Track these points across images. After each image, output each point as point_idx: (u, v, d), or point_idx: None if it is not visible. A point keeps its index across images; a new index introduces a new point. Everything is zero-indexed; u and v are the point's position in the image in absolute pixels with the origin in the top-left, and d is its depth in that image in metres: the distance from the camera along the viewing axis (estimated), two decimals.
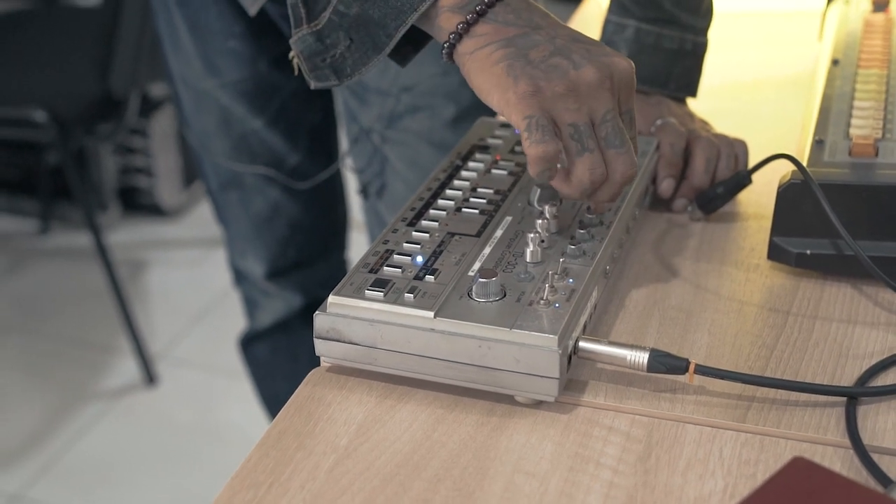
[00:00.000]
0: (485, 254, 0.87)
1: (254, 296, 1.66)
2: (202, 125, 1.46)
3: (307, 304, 1.64)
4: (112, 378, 2.53)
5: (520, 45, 0.86)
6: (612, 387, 0.82)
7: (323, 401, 0.82)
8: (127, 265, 2.90)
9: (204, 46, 1.38)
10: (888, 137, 0.98)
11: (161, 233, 3.09)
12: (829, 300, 0.92)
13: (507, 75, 0.85)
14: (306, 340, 1.67)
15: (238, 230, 1.57)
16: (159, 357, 2.58)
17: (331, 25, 0.92)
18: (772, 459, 0.75)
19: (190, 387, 2.51)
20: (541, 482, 0.74)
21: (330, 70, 0.94)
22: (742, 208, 1.06)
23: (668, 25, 1.11)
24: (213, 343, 2.65)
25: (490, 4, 0.87)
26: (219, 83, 1.41)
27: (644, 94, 1.12)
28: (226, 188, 1.52)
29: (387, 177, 1.44)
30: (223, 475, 2.47)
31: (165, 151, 3.04)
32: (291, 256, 1.58)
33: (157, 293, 2.84)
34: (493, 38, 0.87)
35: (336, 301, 0.82)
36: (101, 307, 2.70)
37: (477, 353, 0.78)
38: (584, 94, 0.85)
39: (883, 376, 0.83)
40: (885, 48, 1.15)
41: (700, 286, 0.94)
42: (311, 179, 1.47)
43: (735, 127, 1.13)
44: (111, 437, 2.36)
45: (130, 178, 3.08)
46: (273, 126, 1.43)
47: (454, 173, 0.98)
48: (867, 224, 0.92)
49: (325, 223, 1.61)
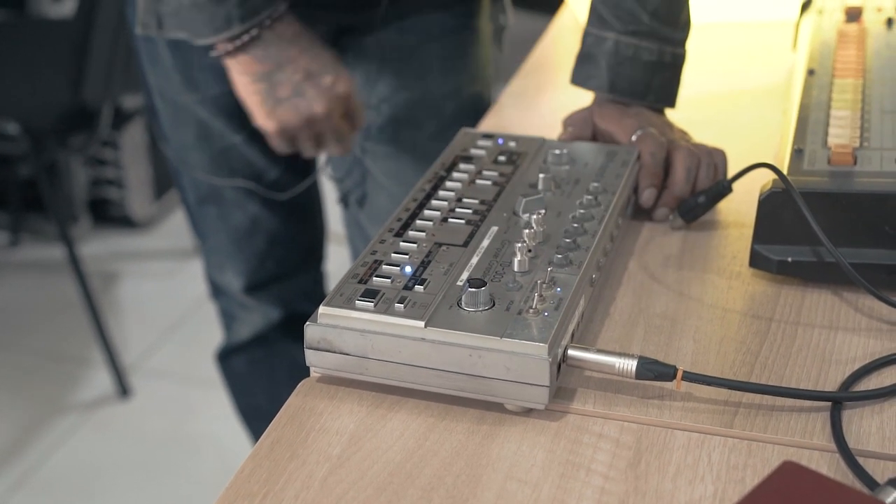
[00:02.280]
0: (472, 263, 0.87)
1: (231, 309, 1.66)
2: (181, 139, 1.46)
3: (285, 318, 1.64)
4: (85, 390, 2.52)
5: (270, 80, 1.23)
6: (600, 394, 0.83)
7: (314, 411, 0.82)
8: (98, 277, 2.89)
9: (183, 61, 1.38)
10: (866, 146, 0.99)
11: (132, 244, 3.08)
12: (811, 306, 0.93)
13: (262, 107, 1.25)
14: (284, 353, 1.69)
15: (216, 244, 1.56)
16: (133, 369, 2.58)
17: None
18: (760, 464, 0.76)
19: (163, 398, 2.51)
20: (533, 489, 0.74)
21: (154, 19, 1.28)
22: (722, 217, 1.07)
23: (647, 38, 1.13)
24: (186, 354, 2.65)
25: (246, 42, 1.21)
26: (198, 98, 1.41)
27: (623, 104, 1.14)
28: (204, 202, 1.52)
29: (368, 187, 1.44)
30: (198, 486, 2.47)
31: (136, 163, 3.03)
32: (270, 270, 1.58)
33: (130, 305, 2.83)
34: (249, 72, 1.23)
35: (327, 312, 0.82)
36: (74, 319, 2.69)
37: (468, 361, 0.79)
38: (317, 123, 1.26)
39: (866, 381, 0.84)
40: (860, 58, 1.17)
41: (683, 294, 0.95)
42: (290, 191, 1.48)
43: (712, 136, 1.15)
44: (85, 449, 2.35)
45: (101, 190, 3.07)
46: (253, 141, 1.43)
47: (439, 184, 0.99)
48: (847, 231, 0.93)
49: (304, 236, 1.61)
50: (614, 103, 1.14)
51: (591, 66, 1.14)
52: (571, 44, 1.50)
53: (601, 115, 1.13)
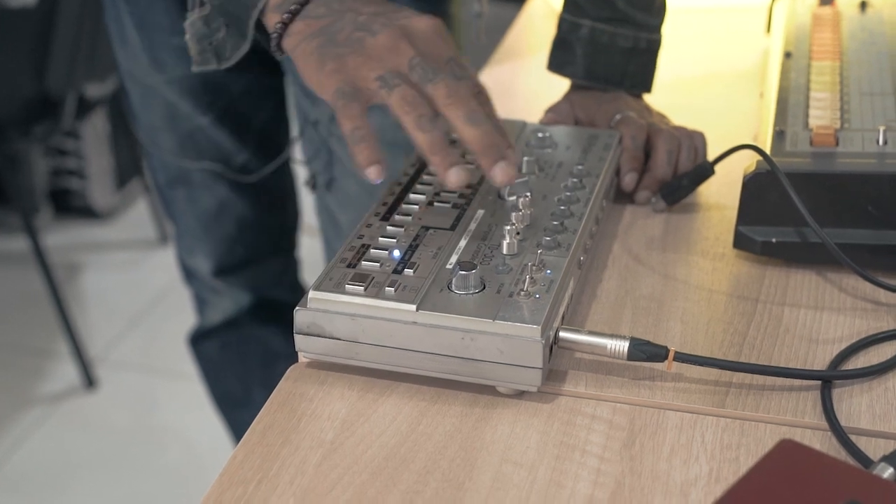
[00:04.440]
0: (461, 246, 0.87)
1: (203, 293, 1.65)
2: (149, 120, 1.45)
3: (256, 302, 1.63)
4: (51, 383, 2.50)
5: (328, 32, 0.94)
6: (591, 376, 0.83)
7: (304, 396, 0.82)
8: (61, 268, 2.86)
9: (150, 42, 1.37)
10: (846, 127, 1.00)
11: (94, 235, 3.05)
12: (796, 287, 0.94)
13: (317, 61, 0.93)
14: (256, 338, 1.68)
15: (186, 227, 1.56)
16: (98, 360, 2.56)
17: (213, 12, 1.01)
18: (753, 443, 0.76)
19: (130, 389, 2.49)
20: (529, 471, 0.74)
21: (212, 54, 1.03)
22: (703, 199, 1.08)
23: (623, 24, 1.13)
24: (151, 345, 2.63)
25: (303, 3, 0.96)
26: (165, 79, 1.40)
27: (601, 90, 1.14)
28: (173, 184, 1.51)
29: (335, 172, 1.43)
30: (165, 477, 2.46)
31: (98, 153, 3.00)
32: (240, 254, 1.57)
33: (94, 296, 2.81)
34: (307, 33, 0.95)
35: (316, 296, 0.82)
36: (37, 311, 2.67)
37: (460, 344, 0.79)
38: (383, 56, 0.91)
39: (854, 359, 0.85)
40: (836, 40, 1.18)
41: (669, 276, 0.96)
42: (257, 173, 1.47)
43: (689, 120, 1.15)
44: (52, 442, 2.33)
45: (62, 181, 3.04)
46: (220, 124, 1.43)
47: (422, 168, 0.99)
48: (830, 212, 0.94)
49: (275, 221, 1.61)
50: (592, 89, 1.14)
51: (567, 52, 1.15)
52: (543, 30, 1.51)
53: (580, 100, 1.13)
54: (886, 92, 1.06)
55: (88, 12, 2.30)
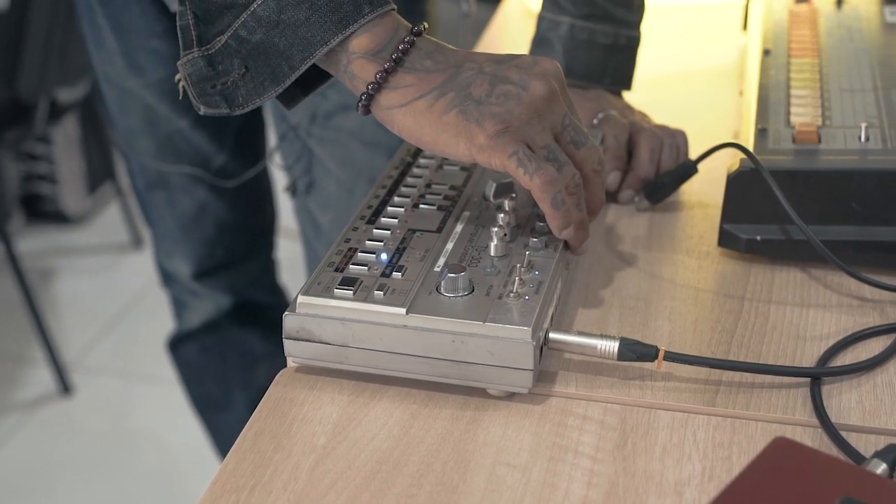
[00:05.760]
0: (448, 249, 0.87)
1: (181, 296, 1.64)
2: (127, 124, 1.45)
3: (235, 305, 1.63)
4: (27, 389, 2.48)
5: (457, 87, 0.83)
6: (581, 376, 0.83)
7: (295, 401, 0.81)
8: (34, 274, 2.84)
9: (127, 45, 1.37)
10: (828, 124, 1.00)
11: (67, 240, 3.04)
12: (781, 284, 0.94)
13: (466, 121, 0.82)
14: (235, 341, 1.68)
15: (165, 230, 1.55)
16: (73, 366, 2.54)
17: (226, 51, 0.86)
18: (745, 441, 0.77)
19: (105, 395, 2.48)
20: (522, 473, 0.74)
21: (220, 97, 0.87)
22: (686, 198, 1.08)
23: (602, 21, 1.13)
24: (126, 349, 2.62)
25: (405, 51, 0.84)
26: (143, 82, 1.39)
27: (582, 88, 1.14)
28: (152, 188, 1.50)
29: (315, 174, 1.43)
30: (143, 481, 2.45)
31: (69, 158, 2.99)
32: (219, 257, 1.57)
33: (67, 301, 2.79)
34: (423, 89, 0.83)
35: (305, 301, 0.81)
36: (11, 317, 2.65)
37: (450, 347, 0.79)
38: (544, 111, 0.84)
39: (842, 356, 0.85)
40: (814, 37, 1.18)
41: (655, 275, 0.96)
42: (237, 178, 1.46)
43: (668, 118, 1.15)
44: (29, 448, 2.32)
45: (33, 186, 3.02)
46: (198, 126, 1.42)
47: (406, 170, 0.99)
48: (814, 209, 0.94)
49: (253, 223, 1.60)
50: (572, 87, 1.14)
51: (547, 50, 1.15)
52: (519, 30, 1.51)
53: None
54: (866, 88, 1.06)
55: (60, 17, 2.28)
